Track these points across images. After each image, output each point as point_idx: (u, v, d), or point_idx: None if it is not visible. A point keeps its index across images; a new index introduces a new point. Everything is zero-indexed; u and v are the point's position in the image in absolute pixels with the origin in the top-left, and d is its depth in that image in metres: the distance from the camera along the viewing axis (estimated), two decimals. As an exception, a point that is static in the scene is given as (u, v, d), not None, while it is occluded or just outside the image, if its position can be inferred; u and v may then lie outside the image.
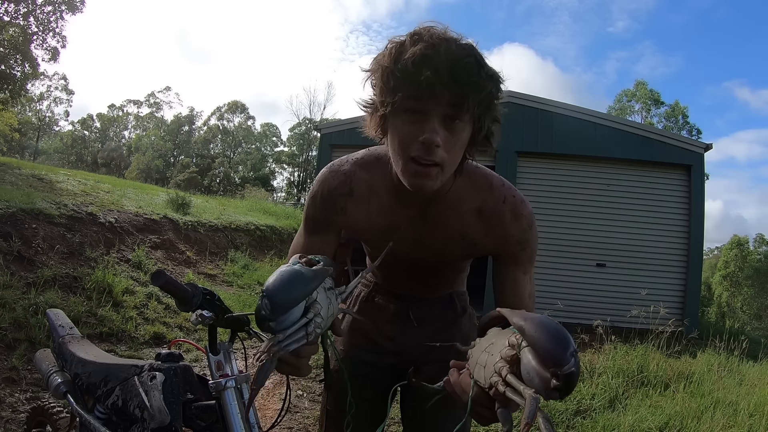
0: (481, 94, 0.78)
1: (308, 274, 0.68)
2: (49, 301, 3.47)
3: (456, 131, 0.80)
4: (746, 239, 28.11)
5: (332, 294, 0.75)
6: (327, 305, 0.72)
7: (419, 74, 0.75)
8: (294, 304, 0.66)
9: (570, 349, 0.54)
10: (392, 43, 0.81)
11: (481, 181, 0.95)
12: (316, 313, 0.69)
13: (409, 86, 0.77)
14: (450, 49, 0.76)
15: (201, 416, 1.13)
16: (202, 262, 6.58)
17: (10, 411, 2.43)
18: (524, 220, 0.94)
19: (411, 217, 0.96)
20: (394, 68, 0.78)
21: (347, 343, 1.19)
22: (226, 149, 43.70)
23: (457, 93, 0.76)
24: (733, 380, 4.05)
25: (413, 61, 0.76)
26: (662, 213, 7.11)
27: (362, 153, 1.00)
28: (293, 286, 0.66)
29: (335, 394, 1.15)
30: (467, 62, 0.76)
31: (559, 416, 3.21)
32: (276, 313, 0.64)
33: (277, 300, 0.64)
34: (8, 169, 8.01)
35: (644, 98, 31.58)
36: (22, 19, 15.81)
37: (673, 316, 5.57)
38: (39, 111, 39.77)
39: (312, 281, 0.68)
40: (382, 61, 0.81)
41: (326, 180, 0.98)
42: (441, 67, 0.75)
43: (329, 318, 0.73)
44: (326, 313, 0.71)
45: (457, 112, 0.78)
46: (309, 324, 0.68)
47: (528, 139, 7.28)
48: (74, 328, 1.51)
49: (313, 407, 3.09)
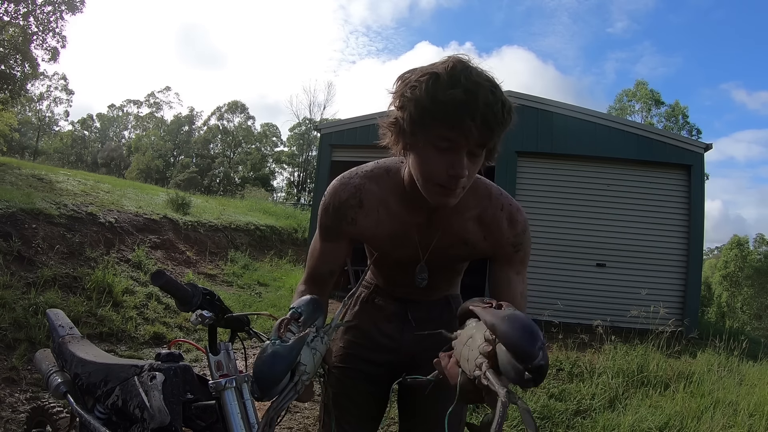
0: (503, 131, 0.87)
1: (283, 352, 0.74)
2: (49, 301, 3.47)
3: (477, 161, 0.88)
4: (746, 239, 28.12)
5: (318, 341, 0.81)
6: (311, 357, 0.78)
7: (459, 119, 0.81)
8: (279, 381, 0.74)
9: (538, 344, 0.59)
10: (426, 74, 0.84)
11: (482, 191, 1.03)
12: (301, 373, 0.76)
13: (445, 127, 0.83)
14: (486, 97, 0.82)
15: (201, 416, 1.13)
16: (202, 262, 6.58)
17: (10, 411, 2.43)
18: (519, 225, 1.03)
19: (418, 224, 1.03)
20: (431, 106, 0.83)
21: (346, 340, 1.22)
22: (226, 149, 43.68)
23: (486, 134, 0.84)
24: (733, 380, 4.05)
25: (454, 106, 0.81)
26: (662, 213, 7.10)
27: (371, 166, 1.07)
28: (274, 368, 0.73)
29: (335, 389, 1.19)
30: (498, 108, 0.83)
31: (559, 416, 3.21)
32: (264, 393, 0.73)
33: (262, 385, 0.73)
34: (8, 169, 8.01)
35: (644, 98, 31.58)
36: (22, 19, 15.81)
37: (673, 316, 5.57)
38: (39, 111, 39.79)
39: (289, 356, 0.74)
40: (416, 93, 0.84)
41: (337, 192, 1.04)
42: (478, 115, 0.81)
43: (317, 364, 0.80)
44: (312, 364, 0.78)
45: (482, 148, 0.87)
46: (297, 383, 0.76)
47: (528, 139, 7.27)
48: (74, 328, 1.52)
49: (313, 407, 3.09)
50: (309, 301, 0.84)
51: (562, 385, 3.86)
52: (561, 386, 3.80)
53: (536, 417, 3.17)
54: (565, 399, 3.55)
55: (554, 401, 3.45)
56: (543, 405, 3.30)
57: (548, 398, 3.49)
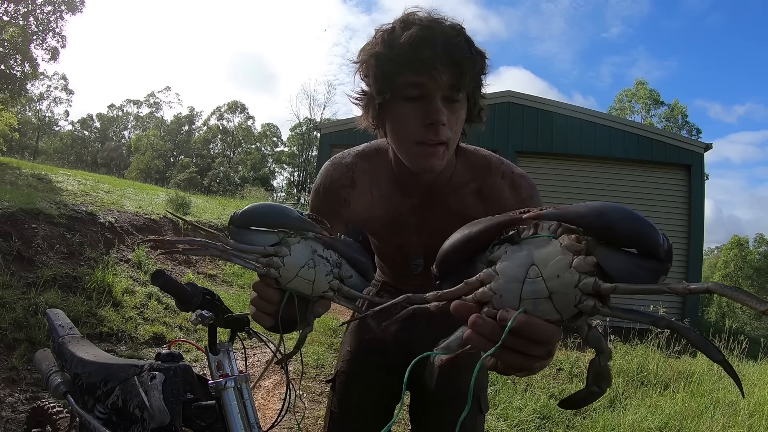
0: (474, 71, 0.79)
1: (289, 212, 0.67)
2: (49, 301, 3.47)
3: (455, 110, 0.80)
4: (746, 239, 28.10)
5: (323, 264, 0.69)
6: (301, 261, 0.67)
7: (419, 55, 0.75)
8: (259, 223, 0.67)
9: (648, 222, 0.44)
10: (381, 31, 0.80)
11: (480, 162, 0.95)
12: (278, 253, 0.67)
13: (408, 69, 0.76)
14: (444, 29, 0.77)
15: (201, 416, 1.12)
16: (202, 262, 6.57)
17: (10, 411, 2.43)
18: (523, 190, 0.91)
19: (413, 206, 0.96)
20: (390, 53, 0.77)
21: (354, 343, 1.16)
22: (226, 149, 43.68)
23: (455, 71, 0.76)
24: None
25: (411, 44, 0.75)
26: (662, 213, 7.11)
27: (363, 145, 1.01)
28: (267, 209, 0.67)
29: (340, 396, 1.13)
30: (460, 41, 0.77)
31: (559, 416, 3.21)
32: (235, 222, 0.66)
33: (246, 211, 0.66)
34: (8, 169, 8.01)
35: (644, 98, 31.57)
36: (22, 19, 15.82)
37: (673, 316, 5.57)
38: (39, 111, 39.82)
39: (287, 217, 0.67)
40: (375, 49, 0.80)
41: (329, 172, 0.99)
42: (438, 47, 0.75)
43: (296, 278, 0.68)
44: (292, 267, 0.67)
45: (456, 91, 0.78)
46: (266, 257, 0.67)
47: (528, 139, 7.28)
48: (74, 328, 1.51)
49: (313, 407, 3.09)
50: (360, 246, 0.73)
51: (562, 385, 3.86)
52: (561, 386, 3.80)
53: (536, 417, 3.17)
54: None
55: (554, 401, 3.45)
56: (543, 405, 3.30)
57: (548, 398, 3.49)
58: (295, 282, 0.68)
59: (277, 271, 0.67)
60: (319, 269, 0.68)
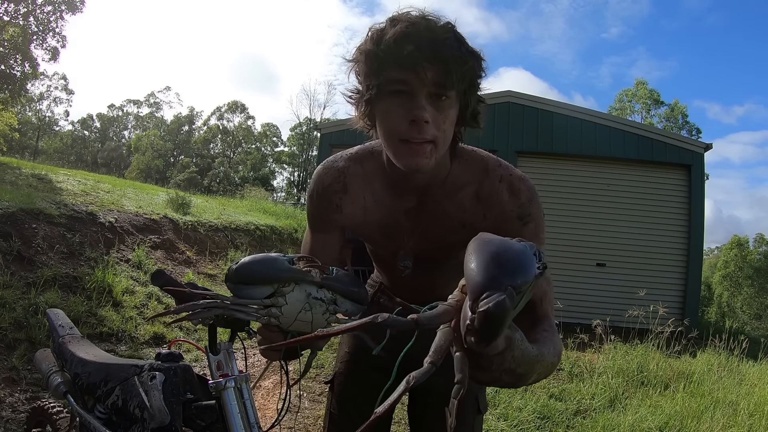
0: (463, 69, 0.77)
1: (279, 264, 0.70)
2: (49, 301, 3.47)
3: (443, 108, 0.79)
4: (746, 239, 28.10)
5: (319, 305, 0.74)
6: (298, 307, 0.72)
7: (401, 50, 0.75)
8: (252, 280, 0.70)
9: (495, 273, 0.38)
10: (372, 30, 0.82)
11: (477, 164, 0.92)
12: (275, 304, 0.71)
13: (392, 64, 0.77)
14: (430, 26, 0.77)
15: (201, 416, 1.12)
16: (202, 262, 6.57)
17: (10, 411, 2.43)
18: (522, 194, 0.89)
19: (407, 210, 0.94)
20: (377, 50, 0.78)
21: (352, 344, 1.16)
22: (226, 149, 43.68)
23: (441, 68, 0.75)
24: (733, 380, 4.05)
25: (395, 40, 0.76)
26: (662, 213, 7.11)
27: (357, 147, 1.00)
28: (258, 266, 0.69)
29: (338, 397, 1.14)
30: (447, 38, 0.77)
31: (558, 416, 3.21)
32: (232, 279, 0.69)
33: (239, 269, 0.69)
34: (8, 169, 8.01)
35: (644, 98, 31.57)
36: (22, 19, 15.81)
37: (673, 315, 5.56)
38: (39, 111, 39.82)
39: (278, 270, 0.70)
40: (364, 47, 0.81)
41: (320, 177, 0.98)
42: (422, 42, 0.75)
43: (296, 322, 0.74)
44: (290, 313, 0.72)
45: (442, 88, 0.77)
46: (267, 308, 0.71)
47: (528, 139, 7.28)
48: (74, 328, 1.51)
49: (313, 407, 3.09)
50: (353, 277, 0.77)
51: (562, 385, 3.86)
52: (561, 386, 3.80)
53: (536, 417, 3.17)
54: (565, 399, 3.55)
55: (554, 401, 3.45)
56: (543, 405, 3.30)
57: (548, 398, 3.49)
58: (295, 325, 0.74)
59: (276, 319, 0.72)
60: (316, 310, 0.74)
